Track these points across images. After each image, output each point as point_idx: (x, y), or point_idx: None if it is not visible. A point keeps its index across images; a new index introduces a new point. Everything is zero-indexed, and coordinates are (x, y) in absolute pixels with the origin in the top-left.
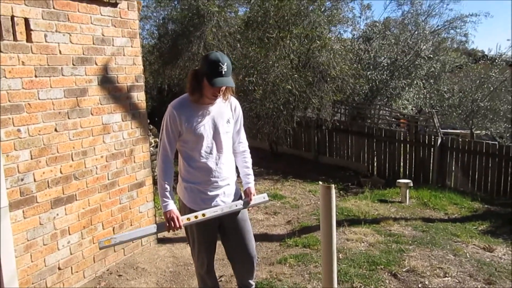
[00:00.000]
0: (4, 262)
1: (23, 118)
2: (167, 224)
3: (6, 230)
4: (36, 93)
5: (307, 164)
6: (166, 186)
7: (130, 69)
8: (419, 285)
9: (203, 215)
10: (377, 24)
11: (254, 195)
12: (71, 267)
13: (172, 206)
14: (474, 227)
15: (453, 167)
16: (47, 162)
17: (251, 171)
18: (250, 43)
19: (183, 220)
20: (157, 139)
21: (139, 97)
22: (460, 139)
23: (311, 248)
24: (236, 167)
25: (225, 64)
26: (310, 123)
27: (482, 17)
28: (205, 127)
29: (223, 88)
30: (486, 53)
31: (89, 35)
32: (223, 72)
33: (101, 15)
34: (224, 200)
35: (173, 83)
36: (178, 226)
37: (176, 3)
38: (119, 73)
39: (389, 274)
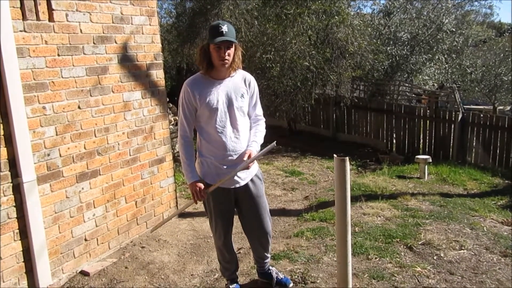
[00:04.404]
0: (34, 232)
1: (48, 96)
2: (193, 195)
3: (35, 202)
4: (59, 72)
5: (325, 141)
6: (187, 160)
7: (148, 47)
8: (434, 257)
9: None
10: None
11: (250, 156)
12: (97, 239)
13: (195, 177)
14: (493, 202)
15: (474, 143)
16: (71, 138)
17: (258, 139)
18: (267, 20)
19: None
20: (176, 117)
21: (158, 75)
22: (482, 114)
23: (327, 222)
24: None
25: (225, 25)
26: (328, 100)
27: None
28: (218, 101)
29: (229, 52)
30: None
31: (109, 14)
32: (224, 32)
33: None
34: (240, 176)
35: (191, 62)
36: (203, 195)
37: None
38: (138, 51)
39: (405, 246)
